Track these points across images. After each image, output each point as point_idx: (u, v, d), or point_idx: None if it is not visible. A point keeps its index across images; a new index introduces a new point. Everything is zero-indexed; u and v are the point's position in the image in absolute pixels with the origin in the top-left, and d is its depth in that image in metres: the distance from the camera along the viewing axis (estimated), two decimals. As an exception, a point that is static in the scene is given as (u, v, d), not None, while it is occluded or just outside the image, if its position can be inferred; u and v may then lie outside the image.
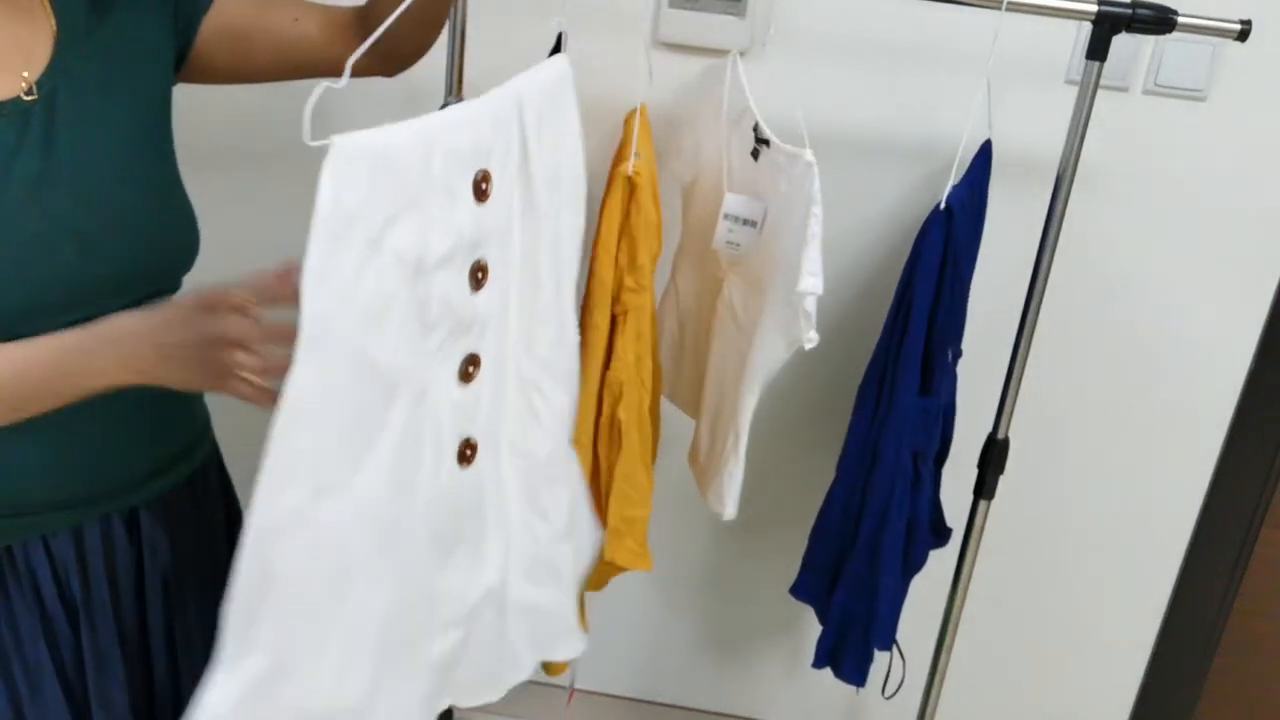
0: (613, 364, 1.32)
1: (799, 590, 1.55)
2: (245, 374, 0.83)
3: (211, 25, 1.05)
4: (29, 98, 0.91)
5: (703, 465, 1.52)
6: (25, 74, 0.92)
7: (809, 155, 1.23)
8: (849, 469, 1.43)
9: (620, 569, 1.44)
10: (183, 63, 1.06)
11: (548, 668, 1.54)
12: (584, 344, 1.31)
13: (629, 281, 1.29)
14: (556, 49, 1.37)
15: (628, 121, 1.40)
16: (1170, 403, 1.67)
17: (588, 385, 1.31)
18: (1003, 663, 1.87)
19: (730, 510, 1.45)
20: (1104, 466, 1.72)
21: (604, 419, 1.34)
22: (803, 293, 1.24)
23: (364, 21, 1.11)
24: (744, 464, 1.41)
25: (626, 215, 1.26)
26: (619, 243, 1.27)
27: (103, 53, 0.98)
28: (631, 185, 1.24)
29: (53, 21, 0.95)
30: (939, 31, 1.49)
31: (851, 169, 1.57)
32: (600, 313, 1.29)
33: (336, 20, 1.11)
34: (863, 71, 1.53)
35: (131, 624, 1.09)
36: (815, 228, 1.23)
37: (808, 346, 1.27)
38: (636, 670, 1.97)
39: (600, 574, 1.46)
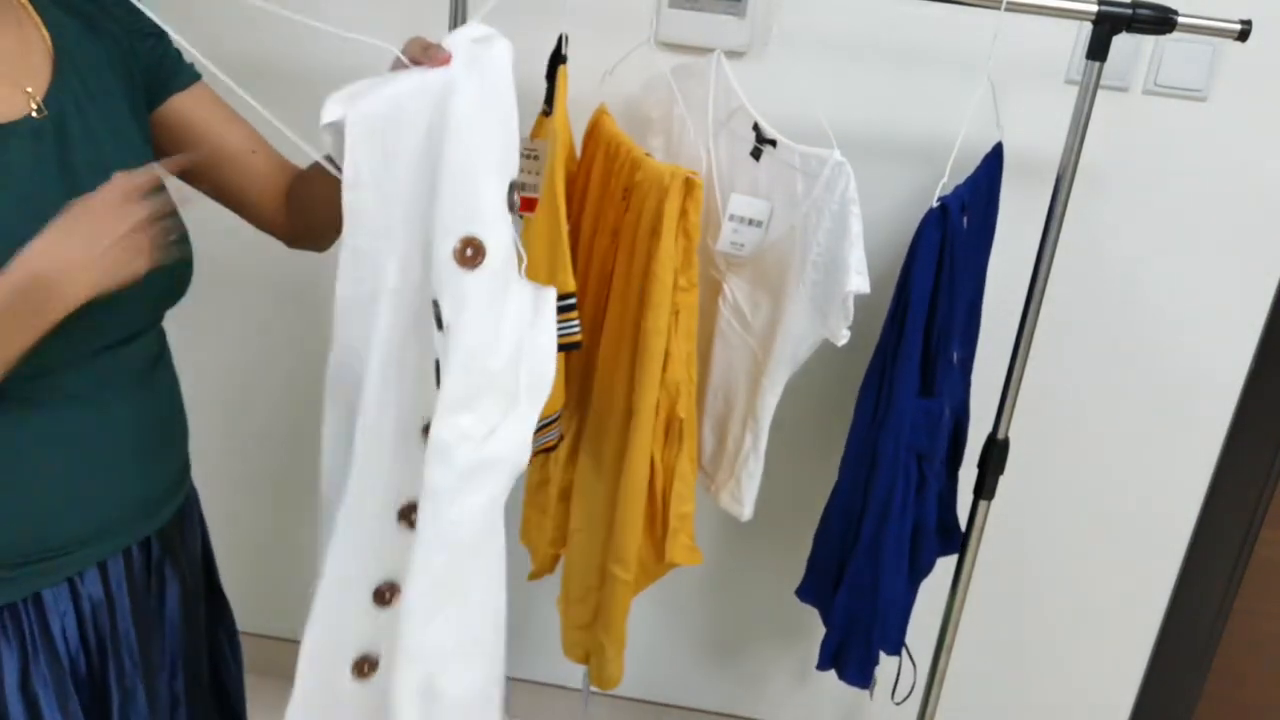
0: (669, 364, 1.31)
1: (803, 592, 1.55)
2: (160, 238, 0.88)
3: (178, 106, 1.04)
4: (39, 116, 0.90)
5: (709, 469, 1.52)
6: (29, 89, 0.91)
7: (838, 156, 1.24)
8: (850, 470, 1.43)
9: (669, 568, 1.44)
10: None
11: (601, 680, 1.53)
12: (642, 349, 1.30)
13: (681, 281, 1.29)
14: (557, 50, 1.37)
15: (601, 122, 1.39)
16: (1170, 403, 1.67)
17: (648, 390, 1.31)
18: (1003, 663, 1.87)
19: (748, 511, 1.45)
20: (1104, 466, 1.72)
21: (660, 421, 1.34)
22: (850, 293, 1.25)
23: (292, 191, 1.09)
24: (763, 463, 1.42)
25: (684, 215, 1.26)
26: (676, 242, 1.27)
27: (97, 72, 0.97)
28: (690, 186, 1.24)
29: (46, 37, 0.94)
30: (939, 31, 1.49)
31: (852, 169, 1.57)
32: (663, 316, 1.28)
33: (283, 173, 1.09)
34: (863, 71, 1.53)
35: (147, 652, 1.09)
36: (857, 227, 1.24)
37: (841, 343, 1.28)
38: (643, 672, 1.97)
39: (651, 575, 1.46)
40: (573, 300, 1.30)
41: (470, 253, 0.91)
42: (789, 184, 1.31)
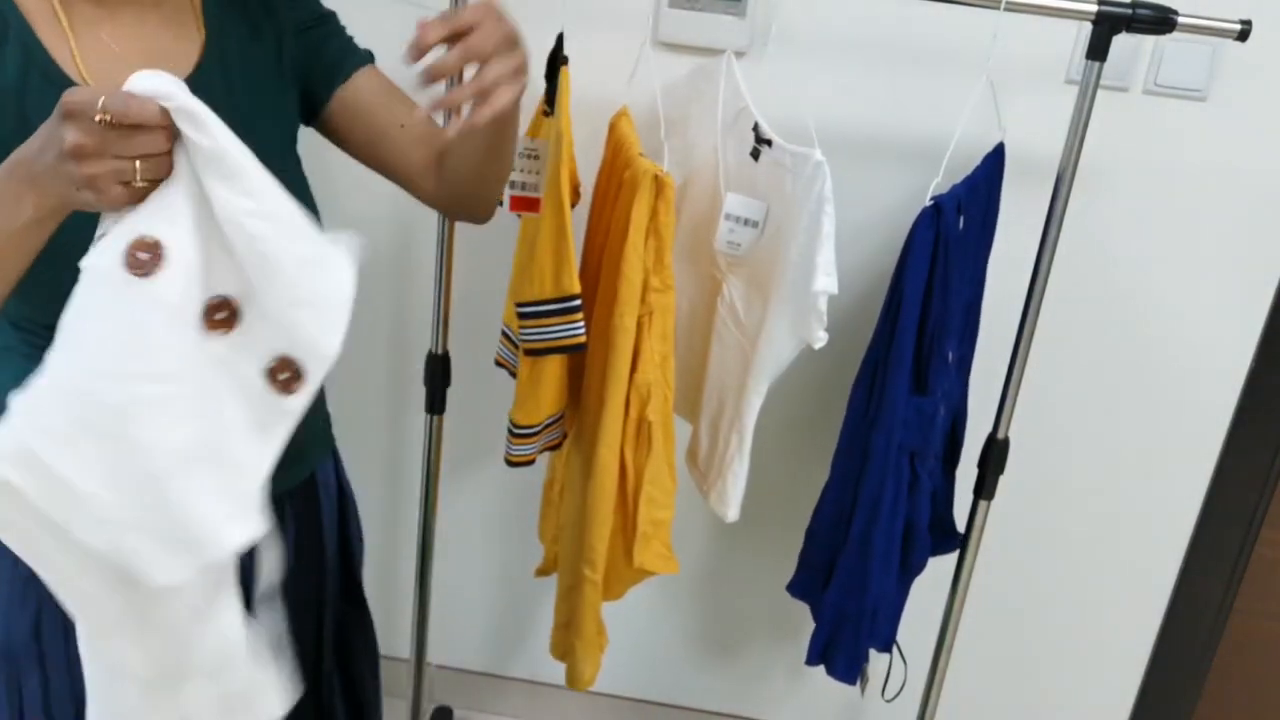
0: (640, 365, 1.31)
1: (794, 587, 1.55)
2: (106, 181, 0.75)
3: (343, 94, 1.07)
4: None
5: (703, 468, 1.52)
6: None
7: (818, 155, 1.24)
8: (841, 466, 1.44)
9: (647, 574, 1.43)
10: (313, 114, 1.07)
11: (573, 680, 1.53)
12: (611, 346, 1.30)
13: (655, 282, 1.29)
14: (557, 49, 1.37)
15: (617, 124, 1.39)
16: (1170, 403, 1.67)
17: (615, 388, 1.31)
18: (1003, 663, 1.87)
19: (734, 513, 1.45)
20: (1104, 466, 1.72)
21: (630, 422, 1.33)
22: (818, 292, 1.24)
23: (439, 161, 1.11)
24: (748, 465, 1.41)
25: (654, 214, 1.26)
26: (646, 242, 1.27)
27: (250, 74, 0.99)
28: (660, 185, 1.24)
29: (201, 33, 0.96)
30: (939, 31, 1.49)
31: (851, 169, 1.56)
32: (629, 315, 1.28)
33: (432, 144, 1.11)
34: (863, 71, 1.53)
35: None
36: (829, 227, 1.23)
37: (817, 346, 1.28)
38: (637, 670, 1.97)
39: (624, 581, 1.46)
40: (578, 302, 1.30)
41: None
42: (781, 184, 1.31)
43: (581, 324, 1.31)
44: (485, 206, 1.15)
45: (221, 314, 0.81)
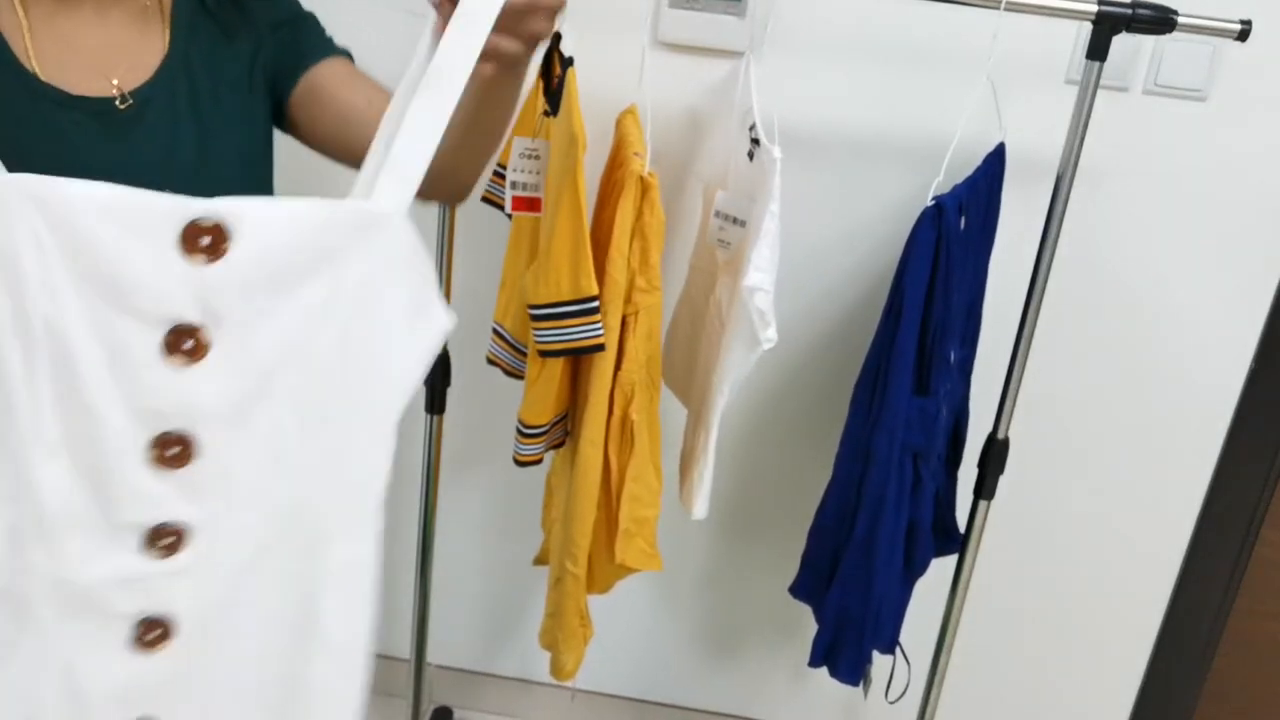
0: (624, 364, 1.31)
1: (797, 589, 1.55)
2: None
3: (305, 83, 1.03)
4: (122, 105, 0.91)
5: (685, 466, 1.52)
6: (115, 81, 0.91)
7: (776, 151, 1.23)
8: (844, 467, 1.43)
9: (630, 570, 1.43)
10: (281, 107, 1.04)
11: (555, 670, 1.53)
12: None
13: (640, 282, 1.29)
14: (553, 47, 1.37)
15: (621, 121, 1.40)
16: (1170, 403, 1.67)
17: (598, 386, 1.31)
18: (1003, 663, 1.87)
19: (699, 510, 1.45)
20: (1104, 466, 1.72)
21: (615, 420, 1.34)
22: (750, 288, 1.23)
23: None
24: (713, 464, 1.41)
25: (639, 215, 1.26)
26: (631, 243, 1.27)
27: (217, 83, 0.98)
28: (644, 185, 1.24)
29: (168, 35, 0.95)
30: (939, 31, 1.49)
31: (851, 169, 1.57)
32: (614, 313, 1.28)
33: None
34: (863, 71, 1.53)
35: None
36: (769, 224, 1.22)
37: (765, 347, 1.26)
38: (637, 670, 1.97)
39: (609, 576, 1.46)
40: (596, 304, 1.30)
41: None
42: (761, 182, 1.31)
43: (600, 325, 1.30)
44: (462, 185, 1.05)
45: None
